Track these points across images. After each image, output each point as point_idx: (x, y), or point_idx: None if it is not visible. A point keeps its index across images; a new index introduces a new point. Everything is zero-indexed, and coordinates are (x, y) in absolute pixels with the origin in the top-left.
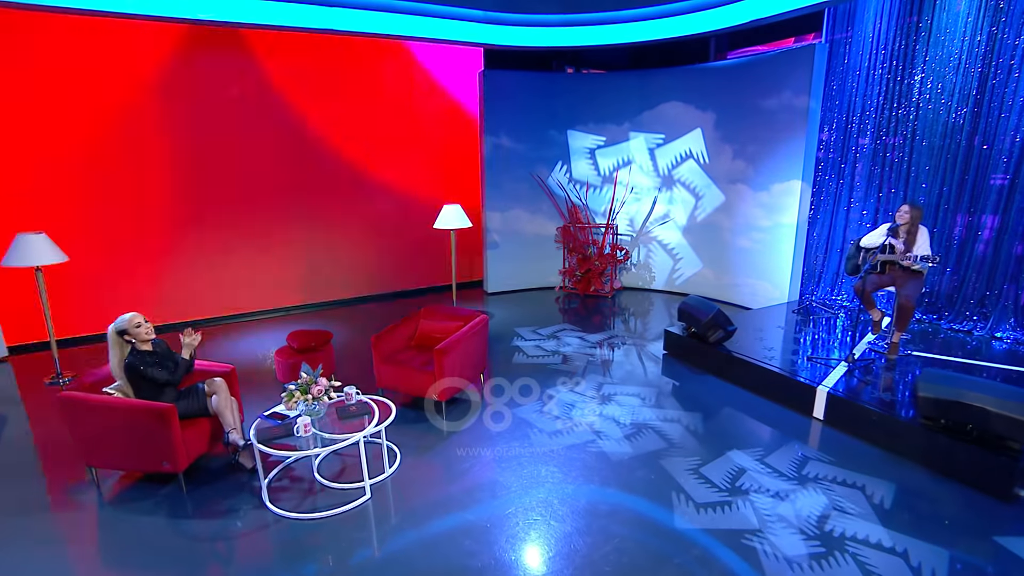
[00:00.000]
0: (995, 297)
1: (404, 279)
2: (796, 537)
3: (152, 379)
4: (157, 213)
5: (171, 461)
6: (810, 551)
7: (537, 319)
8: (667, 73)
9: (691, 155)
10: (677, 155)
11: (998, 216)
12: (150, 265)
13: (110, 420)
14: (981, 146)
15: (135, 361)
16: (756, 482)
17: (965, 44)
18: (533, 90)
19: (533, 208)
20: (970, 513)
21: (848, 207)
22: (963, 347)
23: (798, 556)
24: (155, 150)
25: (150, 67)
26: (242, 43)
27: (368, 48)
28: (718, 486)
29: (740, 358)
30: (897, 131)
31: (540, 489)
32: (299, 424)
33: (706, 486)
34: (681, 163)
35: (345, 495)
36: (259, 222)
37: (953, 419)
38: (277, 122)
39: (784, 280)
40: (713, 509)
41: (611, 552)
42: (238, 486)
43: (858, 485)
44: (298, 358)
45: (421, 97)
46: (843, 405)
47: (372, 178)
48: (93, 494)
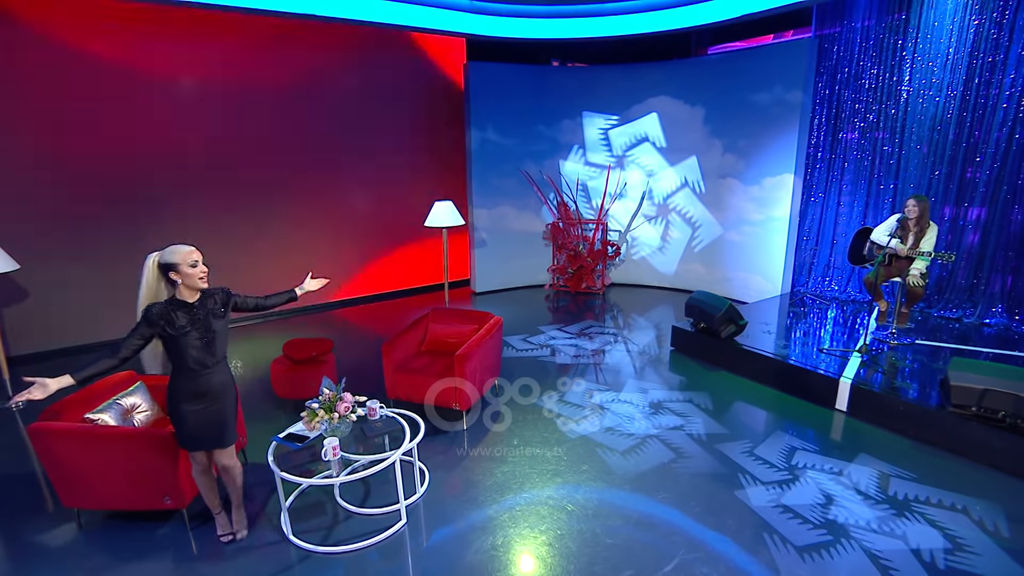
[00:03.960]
0: (983, 286)
1: (389, 280)
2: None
3: (181, 354)
4: (120, 215)
5: (173, 496)
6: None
7: (531, 319)
8: (657, 67)
9: (676, 148)
10: (666, 149)
11: (985, 208)
12: (110, 273)
13: (98, 453)
14: (968, 140)
15: (165, 317)
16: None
17: (953, 39)
18: (520, 83)
19: (521, 205)
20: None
21: (839, 200)
22: (952, 334)
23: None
24: (118, 147)
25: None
26: (200, 26)
27: (353, 38)
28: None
29: (756, 352)
30: (885, 125)
31: (585, 498)
32: (327, 447)
33: (767, 466)
34: (670, 156)
35: (376, 521)
36: (228, 222)
37: (985, 407)
38: (245, 115)
39: (777, 273)
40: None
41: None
42: (248, 517)
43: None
44: (299, 370)
45: (407, 90)
46: (867, 396)
47: (350, 176)
48: (76, 539)
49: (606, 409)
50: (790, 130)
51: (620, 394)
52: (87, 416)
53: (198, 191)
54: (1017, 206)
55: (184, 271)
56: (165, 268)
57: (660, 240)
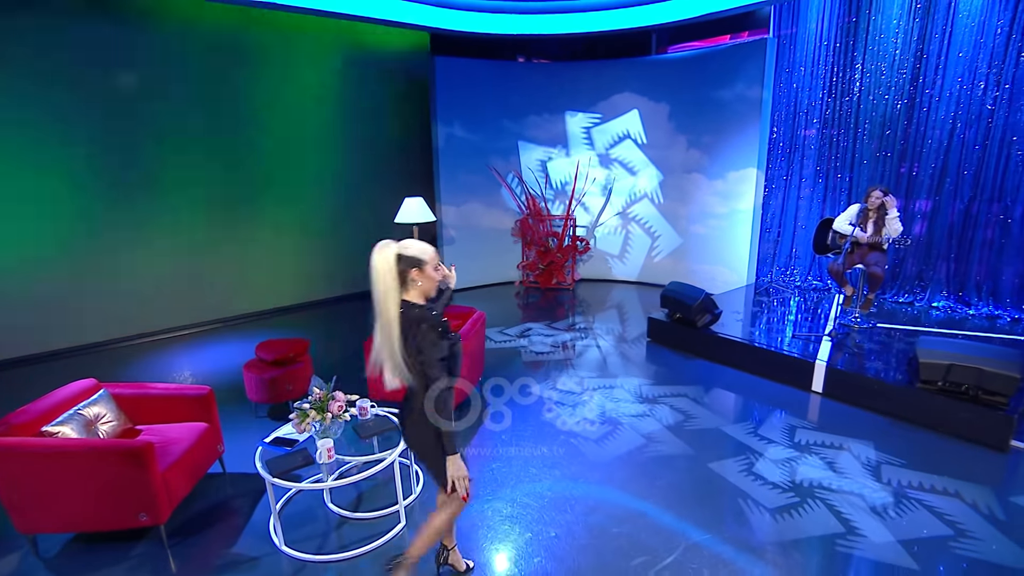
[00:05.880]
0: (931, 272)
1: (349, 282)
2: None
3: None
4: (67, 214)
5: (150, 512)
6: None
7: (504, 316)
8: (621, 64)
9: (642, 144)
10: (630, 143)
11: (931, 200)
12: (61, 276)
13: (61, 470)
14: (915, 136)
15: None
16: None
17: (899, 42)
18: (486, 78)
19: (489, 201)
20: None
21: (799, 193)
22: (905, 318)
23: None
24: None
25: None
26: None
27: (308, 26)
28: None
29: (733, 340)
30: (841, 122)
31: (584, 491)
32: (321, 449)
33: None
34: (636, 152)
35: (372, 525)
36: (183, 224)
37: (950, 381)
38: (191, 109)
39: (742, 265)
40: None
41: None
42: (233, 529)
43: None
44: (274, 371)
45: (370, 82)
46: (842, 377)
47: (308, 172)
48: (32, 568)
49: (590, 402)
50: (752, 125)
51: (602, 386)
52: (45, 429)
53: (151, 188)
54: (958, 198)
55: (429, 273)
56: (408, 263)
57: (626, 235)
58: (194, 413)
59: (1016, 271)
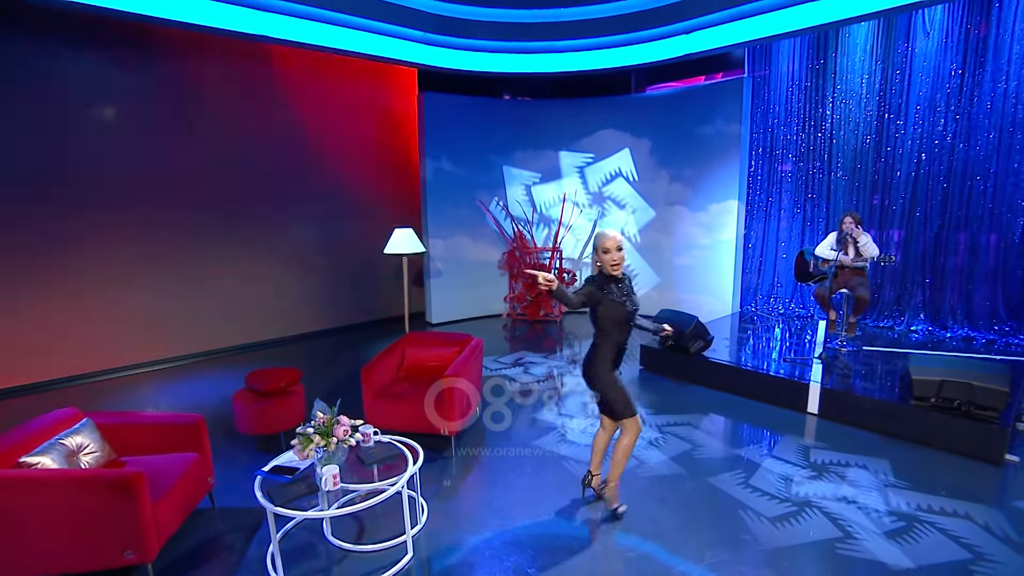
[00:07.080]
0: (908, 297)
1: (342, 314)
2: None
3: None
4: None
5: (137, 549)
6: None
7: (492, 348)
8: (603, 101)
9: (628, 179)
10: (613, 179)
11: (903, 229)
12: (46, 306)
13: (39, 503)
14: (884, 169)
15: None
16: None
17: (864, 82)
18: (473, 115)
19: (476, 234)
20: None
21: (778, 224)
22: (887, 341)
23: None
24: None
25: None
26: (149, 41)
27: (303, 60)
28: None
29: (726, 365)
30: (814, 156)
31: (598, 515)
32: (325, 476)
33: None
34: (620, 187)
35: (377, 559)
36: (174, 255)
37: (943, 396)
38: (184, 141)
39: (727, 293)
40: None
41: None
42: (228, 567)
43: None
44: (265, 402)
45: (360, 118)
46: (836, 397)
47: (299, 204)
48: None
49: (588, 432)
50: (732, 160)
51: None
52: (23, 460)
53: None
54: (928, 227)
55: (600, 256)
56: (595, 246)
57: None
58: (183, 443)
59: (985, 295)
